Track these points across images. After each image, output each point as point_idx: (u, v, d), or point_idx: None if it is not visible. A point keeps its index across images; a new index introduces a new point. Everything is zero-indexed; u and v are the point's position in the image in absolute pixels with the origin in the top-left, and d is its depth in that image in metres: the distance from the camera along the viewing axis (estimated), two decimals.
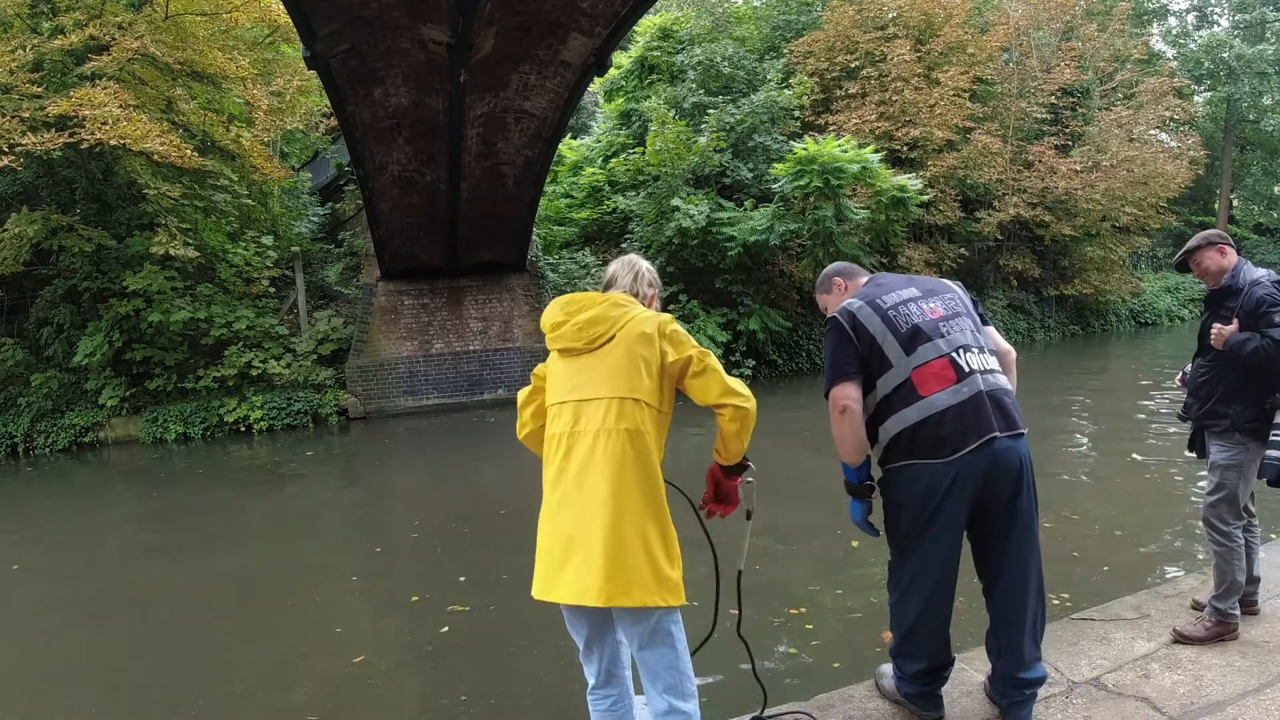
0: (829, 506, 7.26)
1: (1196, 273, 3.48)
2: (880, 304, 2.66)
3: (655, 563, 2.23)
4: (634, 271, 2.67)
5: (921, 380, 2.54)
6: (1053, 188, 21.14)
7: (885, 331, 2.61)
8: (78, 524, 9.30)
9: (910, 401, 2.54)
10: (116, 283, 14.13)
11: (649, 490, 2.28)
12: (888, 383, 2.59)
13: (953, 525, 2.55)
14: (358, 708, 4.45)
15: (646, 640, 2.29)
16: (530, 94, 11.66)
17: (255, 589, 6.63)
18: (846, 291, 2.94)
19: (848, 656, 4.55)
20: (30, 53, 13.15)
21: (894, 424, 2.57)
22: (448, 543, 7.65)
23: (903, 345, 2.58)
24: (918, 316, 2.63)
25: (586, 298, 2.49)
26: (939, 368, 2.55)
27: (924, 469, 2.52)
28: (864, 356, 2.62)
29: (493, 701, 4.39)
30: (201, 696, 4.65)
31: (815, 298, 3.13)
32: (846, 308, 2.69)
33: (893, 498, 2.64)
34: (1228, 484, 3.36)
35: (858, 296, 2.74)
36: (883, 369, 2.60)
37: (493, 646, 5.02)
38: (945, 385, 2.53)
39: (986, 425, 2.49)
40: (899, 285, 2.76)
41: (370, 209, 13.92)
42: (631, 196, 18.26)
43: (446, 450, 12.69)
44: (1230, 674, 3.03)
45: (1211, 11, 34.45)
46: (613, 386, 2.33)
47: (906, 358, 2.57)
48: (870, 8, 20.54)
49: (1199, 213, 33.09)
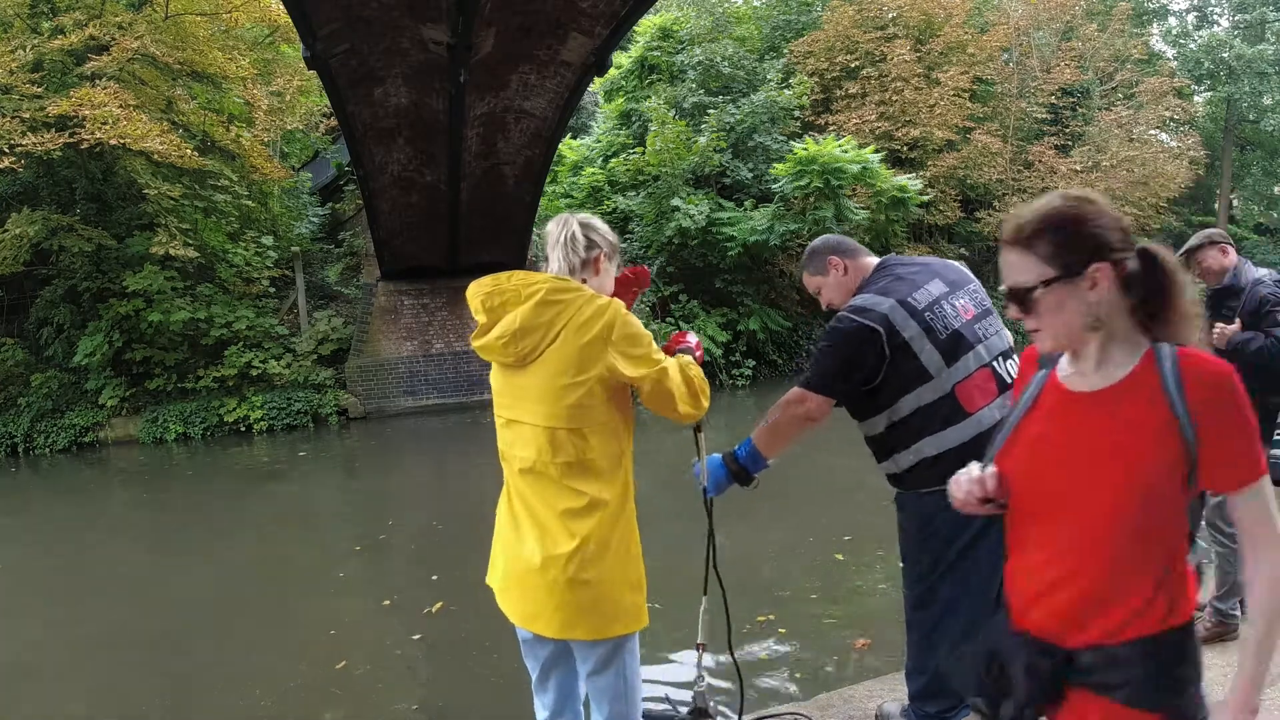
0: (827, 507, 7.26)
1: (1197, 272, 3.46)
2: (913, 304, 2.28)
3: (612, 591, 1.97)
4: (563, 240, 2.05)
5: (966, 395, 2.24)
6: (1052, 188, 20.92)
7: (923, 338, 2.24)
8: (76, 524, 9.30)
9: (953, 420, 2.23)
10: (116, 283, 14.13)
11: (600, 523, 1.96)
12: (921, 397, 2.26)
13: (996, 549, 2.34)
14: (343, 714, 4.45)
15: (599, 667, 2.06)
16: (530, 94, 11.66)
17: (251, 590, 6.63)
18: (847, 275, 2.49)
19: (845, 658, 4.55)
20: (30, 53, 13.15)
21: (930, 445, 2.26)
22: (447, 543, 7.64)
23: (944, 355, 2.24)
24: (954, 319, 2.29)
25: (513, 286, 1.95)
26: (981, 379, 2.26)
27: None
28: (881, 373, 2.26)
29: (486, 708, 4.39)
30: (193, 697, 4.65)
31: (804, 280, 2.61)
32: (881, 312, 2.25)
33: (925, 525, 2.33)
34: None
35: (880, 293, 2.31)
36: (918, 381, 2.25)
37: (493, 646, 5.01)
38: (990, 399, 2.24)
39: None
40: (923, 278, 2.37)
41: (370, 209, 13.92)
42: (631, 196, 18.26)
43: (447, 450, 12.69)
44: (1230, 674, 3.02)
45: (1211, 11, 34.42)
46: (548, 413, 1.93)
47: (948, 369, 2.24)
48: (870, 8, 20.54)
49: (1199, 213, 33.05)
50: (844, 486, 7.40)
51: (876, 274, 2.43)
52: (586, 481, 1.95)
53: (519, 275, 1.98)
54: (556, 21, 9.96)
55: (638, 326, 1.97)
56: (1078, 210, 1.32)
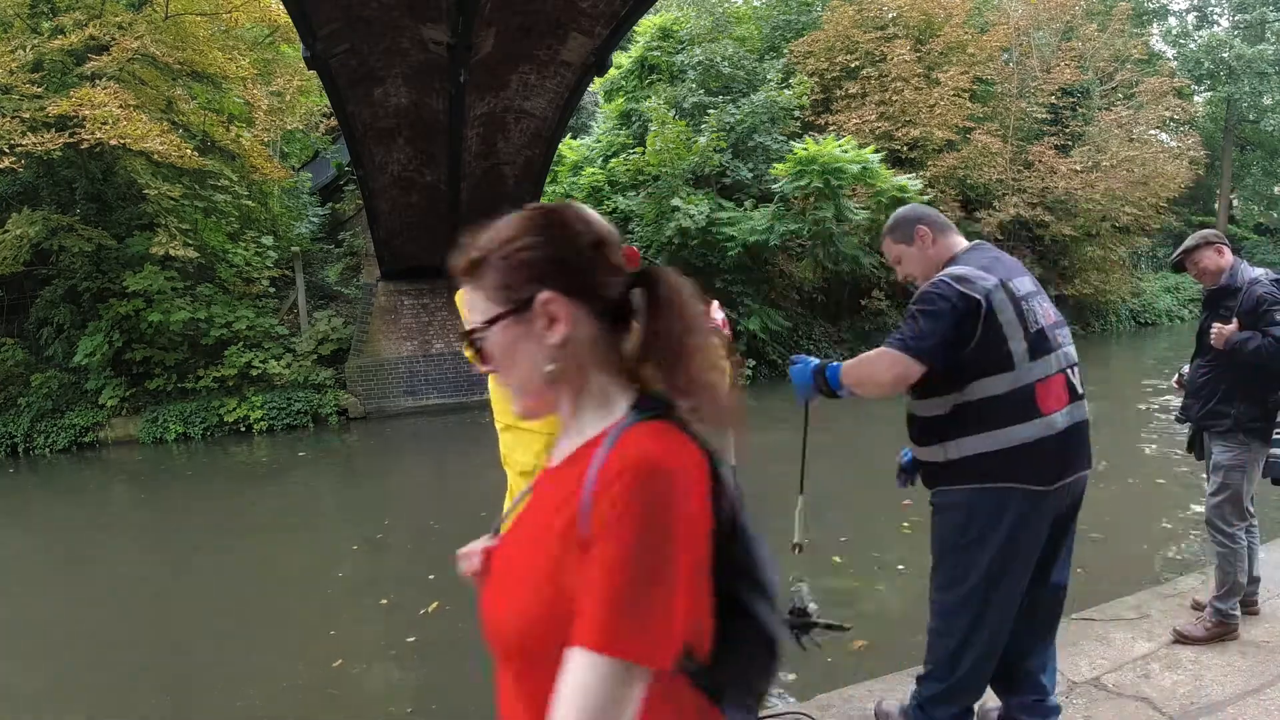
0: (825, 509, 7.26)
1: (1194, 272, 3.46)
2: (1014, 289, 2.19)
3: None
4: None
5: (1044, 395, 2.15)
6: (1053, 188, 21.12)
7: (1016, 326, 2.15)
8: (75, 523, 9.30)
9: (1027, 416, 2.14)
10: (116, 283, 14.13)
11: None
12: (996, 386, 2.14)
13: (1032, 558, 2.23)
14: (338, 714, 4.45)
15: None
16: (530, 94, 11.66)
17: (250, 589, 6.63)
18: (935, 246, 2.36)
19: (843, 659, 4.55)
20: (30, 53, 13.15)
21: (992, 439, 2.15)
22: (446, 543, 7.63)
23: (1030, 348, 2.16)
24: (1041, 318, 2.21)
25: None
26: (1058, 384, 2.19)
27: (1021, 495, 2.14)
28: (968, 348, 2.14)
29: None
30: (192, 698, 4.65)
31: (885, 246, 2.48)
32: (986, 286, 2.14)
33: (965, 526, 2.22)
34: (1232, 484, 3.33)
35: (982, 268, 2.20)
36: (998, 369, 2.14)
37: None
38: (1062, 405, 2.18)
39: (1085, 458, 2.24)
40: (1015, 270, 2.27)
41: (370, 209, 13.92)
42: (631, 196, 18.26)
43: (447, 450, 12.68)
44: (1230, 674, 3.02)
45: (1211, 11, 34.44)
46: (499, 410, 1.98)
47: (1030, 363, 2.15)
48: (870, 8, 20.54)
49: (1199, 213, 33.05)
50: (840, 489, 7.41)
51: (973, 251, 2.33)
52: None
53: None
54: (556, 21, 9.97)
55: None
56: (528, 223, 1.01)
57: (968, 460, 2.18)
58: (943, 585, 2.30)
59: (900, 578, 5.71)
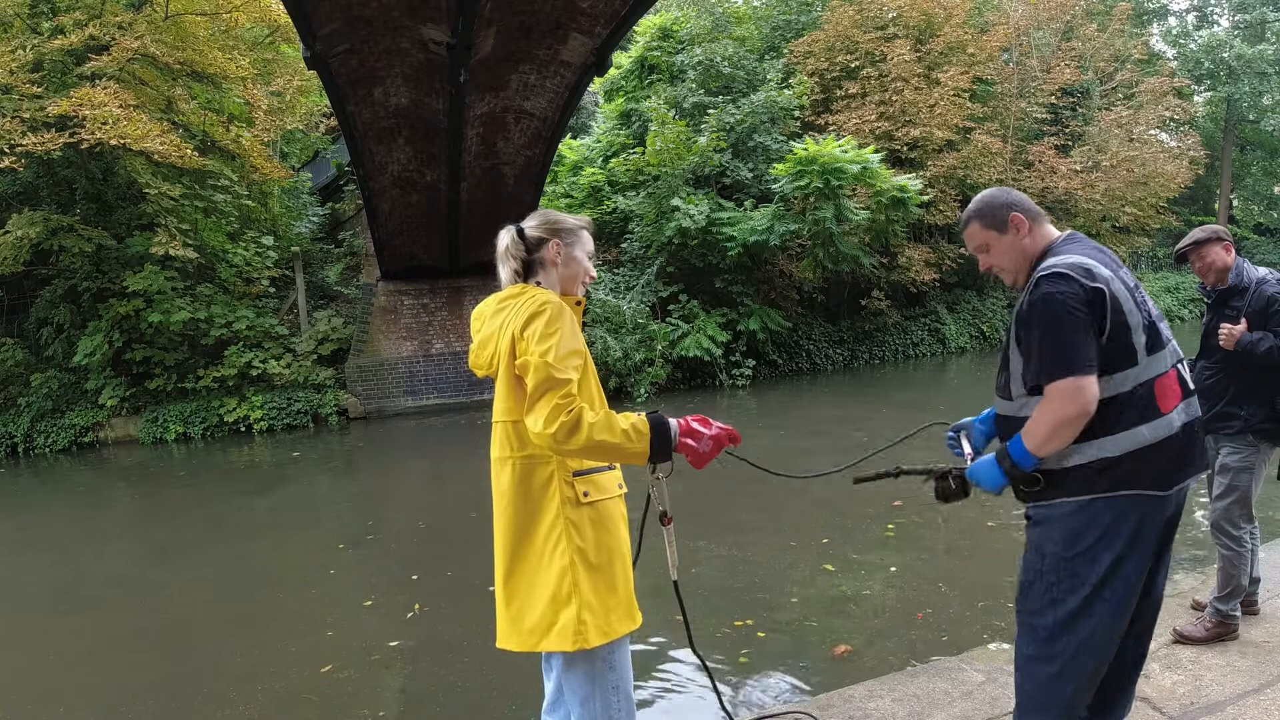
0: (823, 508, 7.26)
1: (1199, 266, 3.38)
2: (1125, 281, 2.02)
3: (551, 606, 1.97)
4: (501, 252, 2.14)
5: (1162, 392, 1.98)
6: (1053, 188, 21.13)
7: (1136, 315, 1.97)
8: (75, 523, 9.30)
9: (1148, 416, 1.96)
10: (116, 283, 14.14)
11: (546, 524, 2.00)
12: (1122, 383, 1.96)
13: (1145, 569, 2.04)
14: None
15: (562, 674, 2.10)
16: (530, 94, 11.67)
17: (247, 591, 6.63)
18: (1031, 236, 2.13)
19: (833, 664, 4.55)
20: (30, 53, 13.16)
21: (1119, 443, 1.94)
22: (445, 544, 7.64)
23: (1148, 340, 1.99)
24: (1152, 309, 2.06)
25: (488, 303, 2.13)
26: (1172, 380, 2.01)
27: (1141, 501, 1.96)
28: (1101, 345, 1.94)
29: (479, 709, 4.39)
30: (186, 700, 4.64)
31: (970, 232, 2.20)
32: (1106, 277, 1.96)
33: (1073, 543, 1.99)
34: (1240, 486, 3.32)
35: (1090, 258, 2.01)
36: (1124, 363, 1.96)
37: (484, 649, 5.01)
38: (1176, 402, 2.01)
39: (1201, 458, 2.08)
40: (1116, 261, 2.09)
41: (370, 209, 13.92)
42: (631, 196, 18.26)
43: (447, 450, 12.68)
44: (1230, 674, 3.02)
45: (1211, 11, 34.43)
46: (503, 408, 2.07)
47: (1148, 357, 1.98)
48: (870, 8, 20.53)
49: (1199, 213, 33.04)
50: (835, 498, 7.41)
51: (1072, 242, 2.11)
52: (539, 478, 2.03)
53: (495, 294, 2.14)
54: (556, 21, 9.97)
55: (561, 326, 1.92)
56: None
57: (1084, 468, 1.97)
58: (1039, 607, 2.05)
59: (893, 579, 5.72)
